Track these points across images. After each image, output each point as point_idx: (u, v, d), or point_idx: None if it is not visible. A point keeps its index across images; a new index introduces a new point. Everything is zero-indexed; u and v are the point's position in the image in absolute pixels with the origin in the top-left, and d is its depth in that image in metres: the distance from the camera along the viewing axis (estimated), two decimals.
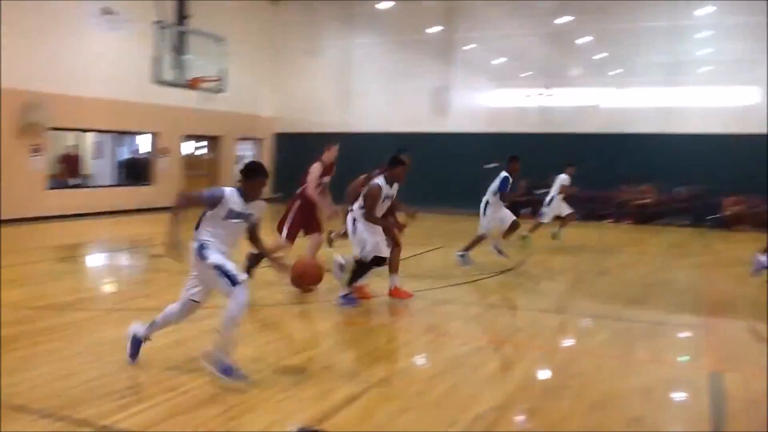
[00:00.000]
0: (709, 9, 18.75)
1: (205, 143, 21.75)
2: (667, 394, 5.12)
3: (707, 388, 5.10)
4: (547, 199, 13.12)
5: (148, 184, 19.32)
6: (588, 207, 13.66)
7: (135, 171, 19.87)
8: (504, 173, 10.32)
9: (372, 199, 7.22)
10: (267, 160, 23.29)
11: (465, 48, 21.57)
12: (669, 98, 19.00)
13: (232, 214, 4.87)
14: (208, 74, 16.36)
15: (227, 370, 4.71)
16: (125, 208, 17.75)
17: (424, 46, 21.94)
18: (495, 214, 10.34)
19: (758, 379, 5.32)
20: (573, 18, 20.06)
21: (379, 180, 7.33)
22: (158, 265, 10.63)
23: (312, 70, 23.00)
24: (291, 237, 8.36)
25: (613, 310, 7.87)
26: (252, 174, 4.97)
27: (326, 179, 8.64)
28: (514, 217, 10.58)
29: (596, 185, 16.99)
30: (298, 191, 8.50)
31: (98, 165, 19.95)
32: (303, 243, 8.56)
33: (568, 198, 13.16)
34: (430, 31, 21.84)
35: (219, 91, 16.87)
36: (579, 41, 20.66)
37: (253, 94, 21.96)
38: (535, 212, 17.65)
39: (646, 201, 18.24)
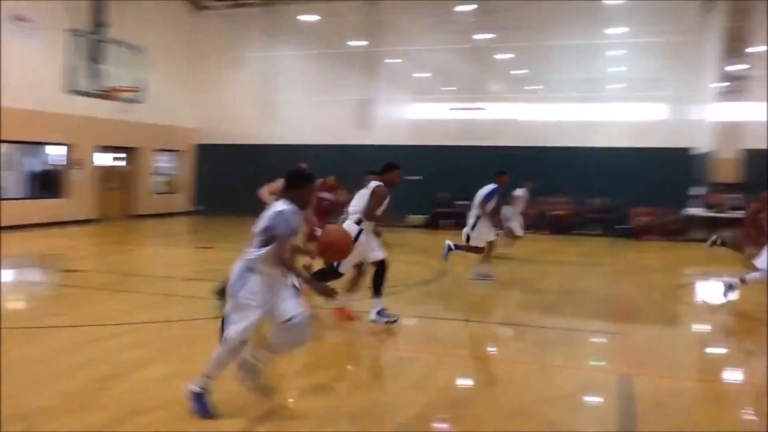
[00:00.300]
0: (622, 29, 19.66)
1: (124, 155, 21.13)
2: (580, 398, 5.29)
3: (617, 390, 5.31)
4: (509, 213, 13.21)
5: (60, 197, 18.60)
6: None
7: (47, 183, 19.08)
8: (493, 185, 10.32)
9: (379, 198, 7.11)
10: (187, 173, 22.89)
11: (388, 61, 21.81)
12: (583, 113, 19.77)
13: (293, 233, 4.38)
14: (125, 84, 15.95)
15: (194, 398, 4.36)
16: (36, 222, 17.01)
17: (347, 59, 22.06)
18: (483, 228, 10.20)
19: (665, 381, 5.58)
20: (494, 35, 20.61)
21: (380, 184, 7.21)
22: (70, 280, 10.26)
23: (235, 81, 22.72)
24: None
25: (530, 318, 8.09)
26: (304, 182, 4.50)
27: None
28: (492, 237, 10.40)
29: None
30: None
31: (8, 177, 19.05)
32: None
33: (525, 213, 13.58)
34: (353, 44, 22.00)
35: (137, 101, 16.47)
36: (499, 57, 21.25)
37: (173, 104, 21.51)
38: (458, 224, 17.98)
39: (561, 212, 18.85)
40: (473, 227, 10.19)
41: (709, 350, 7.27)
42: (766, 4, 17.31)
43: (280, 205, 4.37)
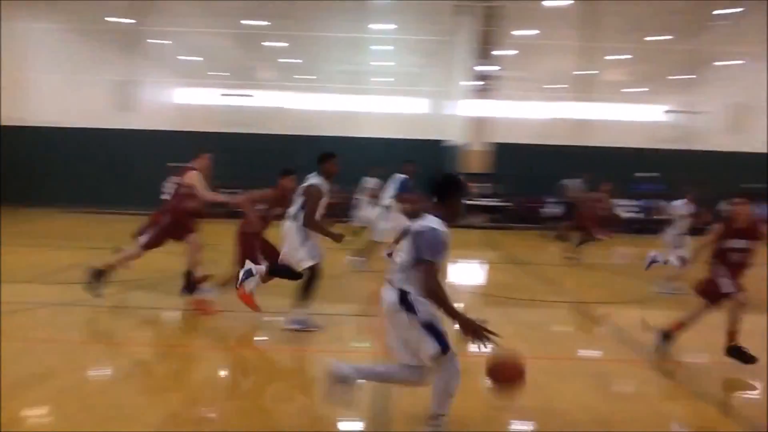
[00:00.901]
0: (389, 26, 20.57)
1: None
2: None
3: None
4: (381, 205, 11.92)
5: None
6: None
7: None
8: (402, 176, 10.25)
9: (314, 200, 6.41)
10: None
11: (153, 42, 20.71)
12: (351, 104, 20.45)
13: (441, 258, 3.90)
14: None
15: None
16: None
17: (108, 36, 20.56)
18: (394, 221, 10.09)
19: None
20: (266, 22, 20.46)
21: (315, 179, 6.54)
22: None
23: None
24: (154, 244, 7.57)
25: (290, 305, 8.15)
26: (456, 190, 4.01)
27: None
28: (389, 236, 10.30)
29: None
30: (168, 206, 7.66)
31: None
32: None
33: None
34: (115, 20, 20.52)
35: None
36: (270, 45, 21.17)
37: None
38: (230, 213, 17.66)
39: (330, 200, 19.32)
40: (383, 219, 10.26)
41: (457, 326, 7.86)
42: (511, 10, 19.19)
43: (433, 222, 3.89)
